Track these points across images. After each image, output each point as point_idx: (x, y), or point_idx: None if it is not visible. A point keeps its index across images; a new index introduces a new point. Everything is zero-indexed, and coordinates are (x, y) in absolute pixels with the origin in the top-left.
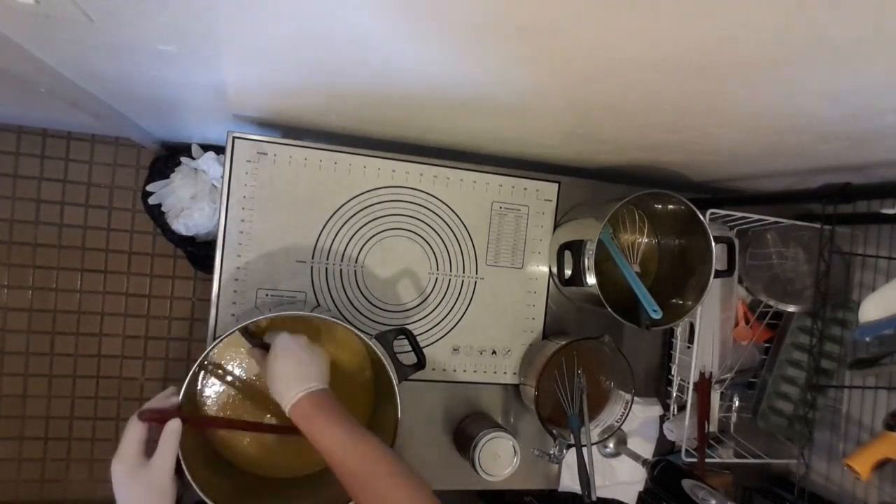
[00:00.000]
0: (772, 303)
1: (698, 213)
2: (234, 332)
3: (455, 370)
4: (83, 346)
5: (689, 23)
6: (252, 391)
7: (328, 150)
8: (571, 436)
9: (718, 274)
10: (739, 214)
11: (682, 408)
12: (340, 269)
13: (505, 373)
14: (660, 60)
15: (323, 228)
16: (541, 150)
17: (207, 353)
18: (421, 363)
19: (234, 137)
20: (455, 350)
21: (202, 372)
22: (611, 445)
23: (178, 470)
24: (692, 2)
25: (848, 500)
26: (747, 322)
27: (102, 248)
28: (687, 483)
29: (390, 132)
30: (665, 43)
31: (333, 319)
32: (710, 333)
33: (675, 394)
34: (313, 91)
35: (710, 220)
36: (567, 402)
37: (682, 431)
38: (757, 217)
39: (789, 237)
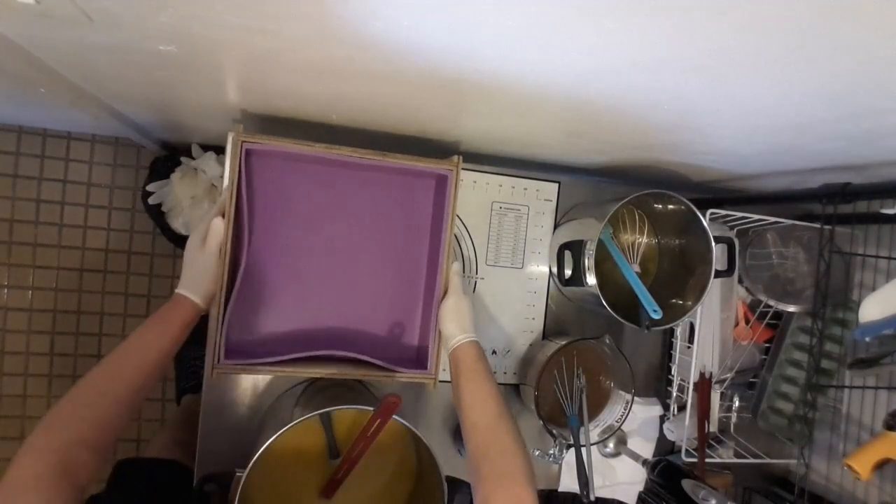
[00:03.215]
0: (772, 303)
1: (698, 213)
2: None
3: None
4: (83, 346)
5: (689, 23)
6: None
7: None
8: (571, 436)
9: (718, 274)
10: (739, 214)
11: (682, 408)
12: None
13: (505, 373)
14: (658, 61)
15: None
16: (541, 150)
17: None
18: None
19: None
20: None
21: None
22: (611, 445)
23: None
24: (691, 3)
25: (848, 500)
26: (747, 322)
27: (102, 247)
28: (687, 483)
29: (391, 132)
30: (664, 44)
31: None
32: (710, 333)
33: (675, 394)
34: (315, 91)
35: (710, 220)
36: (567, 402)
37: (682, 431)
38: (757, 217)
39: (789, 237)
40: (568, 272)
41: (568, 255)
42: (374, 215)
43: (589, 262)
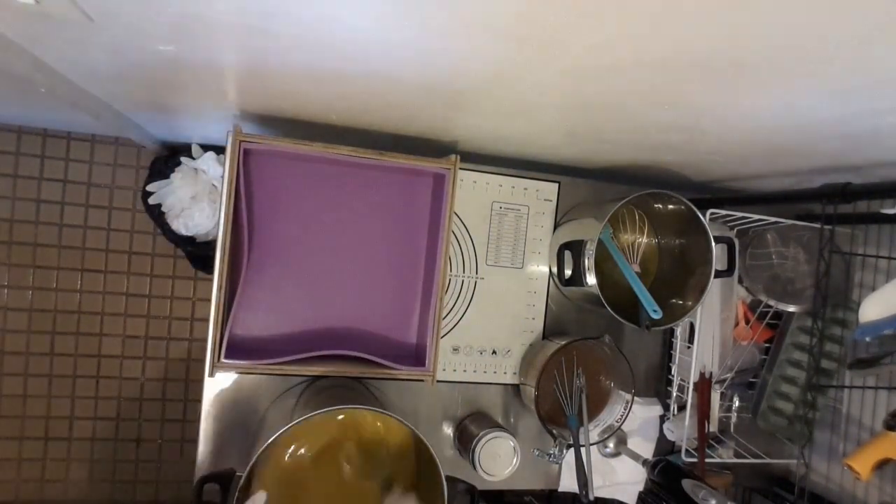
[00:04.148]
0: (772, 303)
1: (698, 213)
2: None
3: (455, 370)
4: (83, 346)
5: (689, 23)
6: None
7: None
8: (571, 436)
9: (718, 274)
10: (739, 214)
11: (682, 408)
12: None
13: (505, 373)
14: (659, 60)
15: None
16: (541, 150)
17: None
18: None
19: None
20: (455, 350)
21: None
22: (611, 445)
23: None
24: (692, 3)
25: (848, 500)
26: (747, 322)
27: (102, 248)
28: (687, 483)
29: (391, 132)
30: (665, 43)
31: (392, 415)
32: (710, 333)
33: (675, 394)
34: (315, 93)
35: (710, 220)
36: (567, 402)
37: (682, 431)
38: (757, 217)
39: (789, 237)
40: (568, 272)
41: (568, 255)
42: (372, 214)
43: (589, 262)
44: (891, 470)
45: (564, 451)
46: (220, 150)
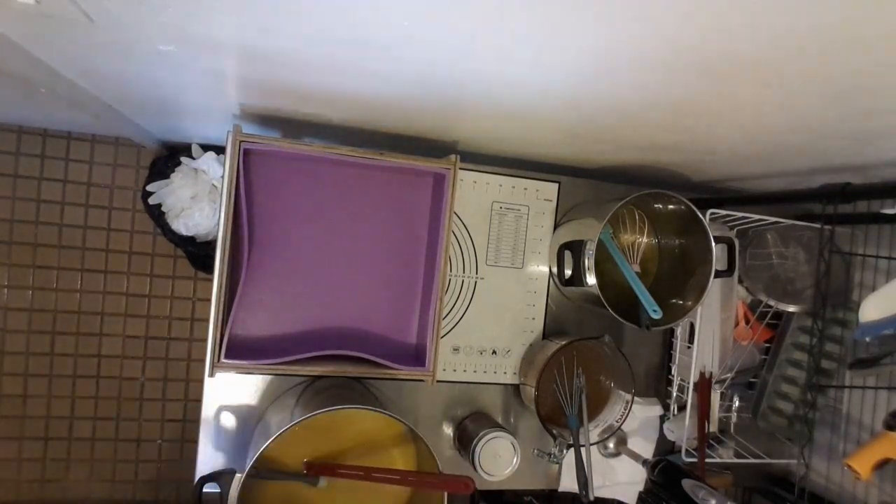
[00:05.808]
0: (772, 303)
1: (698, 213)
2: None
3: (455, 370)
4: (83, 346)
5: (690, 23)
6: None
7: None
8: (571, 436)
9: (718, 274)
10: (739, 214)
11: (682, 408)
12: None
13: (505, 373)
14: (660, 60)
15: None
16: (541, 150)
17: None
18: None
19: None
20: (455, 350)
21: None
22: (611, 445)
23: None
24: (693, 2)
25: (848, 500)
26: (747, 322)
27: (102, 248)
28: (687, 483)
29: (391, 132)
30: (665, 43)
31: (388, 413)
32: (710, 333)
33: (675, 394)
34: (315, 91)
35: (710, 220)
36: (567, 402)
37: (682, 431)
38: (757, 217)
39: (789, 237)
40: (568, 272)
41: (568, 255)
42: (372, 214)
43: (589, 262)
44: (891, 470)
45: (564, 451)
46: (220, 150)
